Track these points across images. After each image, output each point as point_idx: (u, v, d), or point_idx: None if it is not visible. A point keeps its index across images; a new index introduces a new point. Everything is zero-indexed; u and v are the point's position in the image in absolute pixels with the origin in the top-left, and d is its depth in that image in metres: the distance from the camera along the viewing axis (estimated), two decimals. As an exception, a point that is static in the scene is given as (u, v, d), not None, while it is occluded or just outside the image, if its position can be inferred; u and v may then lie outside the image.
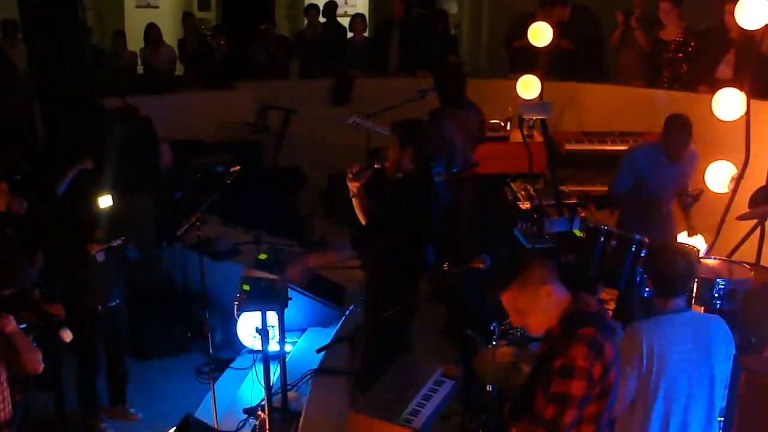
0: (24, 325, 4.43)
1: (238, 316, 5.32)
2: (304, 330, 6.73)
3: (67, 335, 5.21)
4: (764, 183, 6.05)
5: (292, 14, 13.72)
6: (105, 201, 5.70)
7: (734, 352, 3.48)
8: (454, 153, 6.36)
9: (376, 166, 4.82)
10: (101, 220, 5.70)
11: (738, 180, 6.26)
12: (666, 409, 3.35)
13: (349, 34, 10.20)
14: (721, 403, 3.47)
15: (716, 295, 4.79)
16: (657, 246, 3.78)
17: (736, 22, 6.37)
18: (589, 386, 2.84)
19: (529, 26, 7.98)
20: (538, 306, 2.96)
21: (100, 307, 5.75)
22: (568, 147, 7.67)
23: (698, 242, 5.98)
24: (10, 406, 4.44)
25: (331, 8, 10.42)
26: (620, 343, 3.40)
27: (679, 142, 5.58)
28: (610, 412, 3.08)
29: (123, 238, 5.74)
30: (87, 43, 7.27)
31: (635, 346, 3.32)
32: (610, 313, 5.45)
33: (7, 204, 5.48)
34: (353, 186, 4.78)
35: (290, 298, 5.18)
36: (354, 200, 4.79)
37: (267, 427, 5.10)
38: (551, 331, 3.01)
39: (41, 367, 4.46)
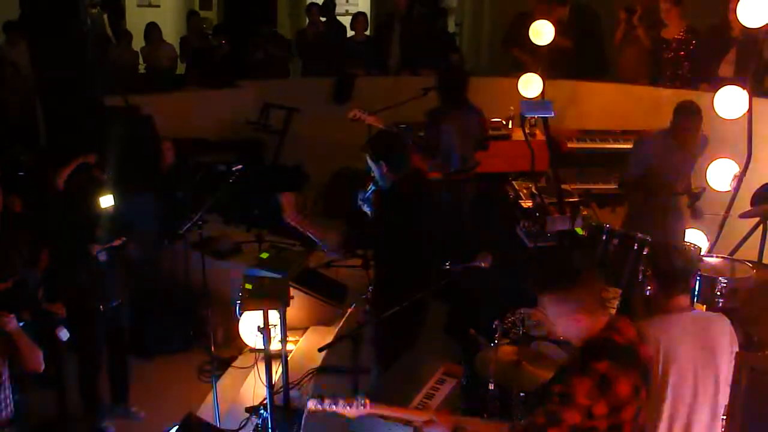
0: (22, 324, 4.43)
1: (240, 314, 5.31)
2: (306, 328, 6.73)
3: (64, 334, 5.21)
4: (766, 181, 6.06)
5: (294, 13, 13.72)
6: (106, 201, 5.70)
7: (736, 348, 3.48)
8: (451, 153, 6.35)
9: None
10: (102, 219, 5.69)
11: (740, 178, 6.26)
12: (672, 408, 3.35)
13: (351, 33, 10.19)
14: (725, 401, 3.47)
15: (718, 293, 4.79)
16: (656, 244, 3.78)
17: (737, 20, 6.37)
18: (585, 420, 2.76)
19: (526, 27, 7.98)
20: (562, 322, 2.94)
21: (101, 306, 5.74)
22: (570, 145, 7.68)
23: (700, 240, 5.98)
24: (12, 405, 4.45)
25: (329, 6, 10.41)
26: None
27: (689, 129, 5.59)
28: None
29: (124, 238, 5.73)
30: (89, 41, 7.26)
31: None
32: (613, 311, 5.46)
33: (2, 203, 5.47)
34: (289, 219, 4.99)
35: (292, 297, 5.17)
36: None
37: (269, 426, 5.10)
38: (574, 348, 2.96)
39: (42, 366, 4.46)
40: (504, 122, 8.04)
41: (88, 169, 6.41)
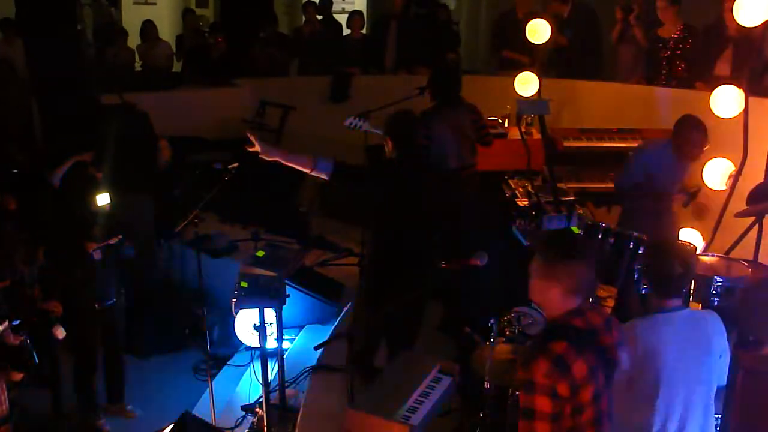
0: (17, 322, 4.42)
1: (236, 313, 5.31)
2: (301, 327, 6.73)
3: (60, 332, 5.20)
4: (762, 180, 6.06)
5: (290, 11, 13.71)
6: (103, 199, 5.69)
7: (728, 347, 3.48)
8: (445, 153, 6.34)
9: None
10: (98, 218, 5.68)
11: (736, 177, 6.27)
12: (665, 407, 3.35)
13: (347, 32, 10.18)
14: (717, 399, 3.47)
15: (714, 292, 4.79)
16: (655, 245, 3.77)
17: (734, 20, 6.37)
18: (555, 403, 2.78)
19: (511, 25, 8.00)
20: (536, 286, 2.99)
21: (97, 305, 5.74)
22: (567, 144, 7.67)
23: (696, 239, 5.99)
24: (7, 403, 4.44)
25: (326, 5, 10.40)
26: None
27: (696, 146, 5.59)
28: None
29: (120, 236, 5.72)
30: (85, 40, 7.25)
31: (631, 347, 3.31)
32: (609, 310, 5.46)
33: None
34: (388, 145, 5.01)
35: (288, 295, 5.17)
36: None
37: (265, 424, 5.10)
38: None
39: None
40: (500, 121, 8.03)
41: (84, 167, 6.40)
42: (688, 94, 7.40)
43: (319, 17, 10.38)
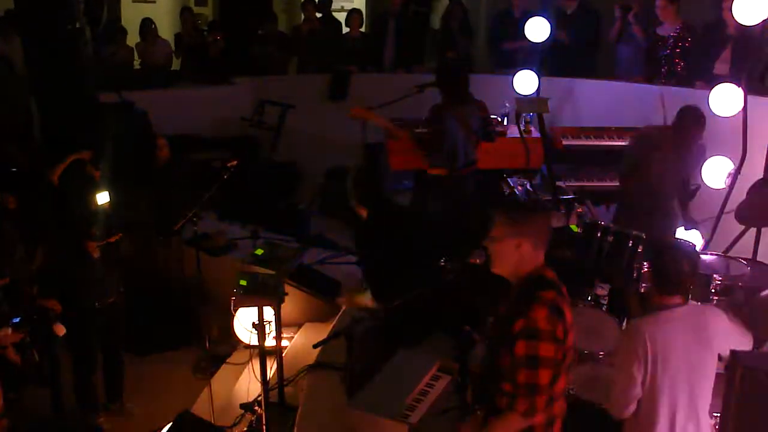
0: (17, 319, 4.43)
1: (235, 311, 5.31)
2: (300, 325, 6.73)
3: (60, 330, 5.20)
4: (761, 178, 6.07)
5: (289, 9, 13.69)
6: (102, 197, 5.68)
7: (733, 336, 3.49)
8: (456, 148, 6.34)
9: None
10: (98, 216, 5.68)
11: (735, 175, 6.27)
12: (672, 404, 3.36)
13: (346, 30, 10.17)
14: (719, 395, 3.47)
15: (713, 290, 4.80)
16: (664, 243, 3.77)
17: (733, 18, 6.38)
18: (557, 348, 2.92)
19: (511, 22, 8.02)
20: (504, 247, 3.07)
21: (97, 303, 5.74)
22: (565, 142, 7.67)
23: (695, 237, 5.99)
24: (2, 400, 4.43)
25: (325, 3, 10.39)
26: (622, 341, 3.42)
27: (690, 133, 5.60)
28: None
29: (120, 235, 5.72)
30: (84, 38, 7.25)
31: (640, 345, 3.33)
32: (605, 308, 5.47)
33: None
34: (361, 213, 4.93)
35: (287, 294, 5.17)
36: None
37: (264, 422, 5.10)
38: (511, 291, 3.11)
39: None
40: (499, 119, 8.03)
41: (83, 165, 6.40)
42: (687, 93, 7.40)
43: (319, 15, 10.37)
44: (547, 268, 3.11)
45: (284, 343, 6.08)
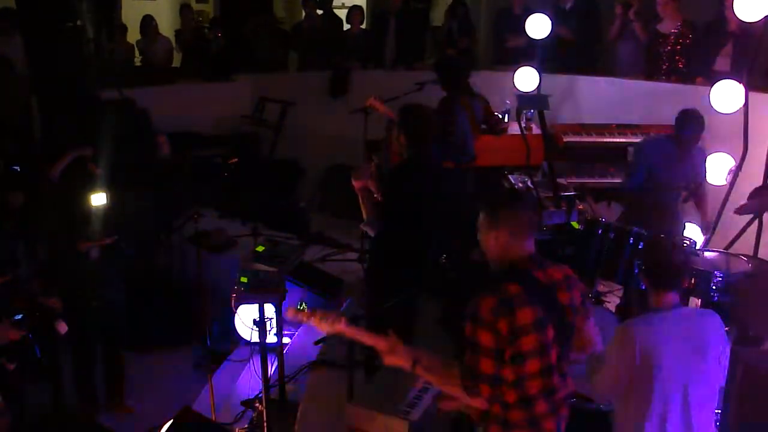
0: (19, 317, 4.42)
1: (236, 308, 5.31)
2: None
3: (63, 327, 5.19)
4: (762, 174, 6.06)
5: (288, 6, 13.68)
6: (98, 199, 5.64)
7: (729, 346, 3.47)
8: (465, 142, 6.34)
9: (374, 161, 4.82)
10: (93, 217, 5.66)
11: (736, 172, 6.27)
12: (663, 406, 3.34)
13: (346, 26, 10.17)
14: (716, 396, 3.46)
15: (714, 287, 4.79)
16: (652, 239, 3.77)
17: (734, 15, 6.37)
18: (497, 340, 2.89)
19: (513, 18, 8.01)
20: (485, 239, 3.13)
21: (94, 302, 5.72)
22: (566, 139, 7.67)
23: (697, 234, 5.99)
24: (2, 401, 4.43)
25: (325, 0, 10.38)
26: (614, 339, 3.41)
27: (688, 136, 5.58)
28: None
29: (116, 237, 5.70)
30: (84, 35, 7.24)
31: (626, 344, 3.32)
32: (608, 305, 5.47)
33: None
34: (356, 185, 4.80)
35: (287, 291, 5.17)
36: (360, 199, 4.78)
37: (264, 419, 5.10)
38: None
39: None
40: (500, 116, 8.03)
41: (83, 162, 6.39)
42: (688, 89, 7.39)
43: (320, 12, 10.35)
44: (545, 266, 3.08)
45: (285, 340, 6.08)
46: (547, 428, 3.06)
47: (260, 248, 5.63)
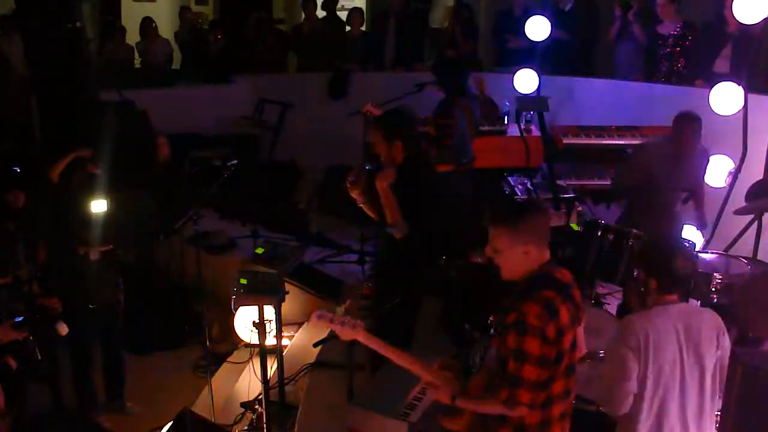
0: (20, 318, 4.41)
1: (235, 309, 5.31)
2: (301, 324, 6.73)
3: (63, 329, 5.19)
4: (761, 177, 6.07)
5: (288, 8, 13.69)
6: (98, 206, 5.64)
7: (728, 344, 3.47)
8: (464, 144, 6.34)
9: (367, 167, 4.79)
10: (93, 223, 5.65)
11: (735, 174, 6.27)
12: (660, 401, 3.33)
13: (347, 28, 10.17)
14: (713, 395, 3.45)
15: (713, 289, 4.80)
16: (659, 243, 3.74)
17: (733, 17, 6.37)
18: (544, 346, 2.94)
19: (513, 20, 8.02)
20: (512, 256, 3.10)
21: (91, 305, 5.72)
22: (566, 141, 7.68)
23: (695, 236, 5.99)
24: (2, 398, 4.43)
25: (331, 1, 10.37)
26: (616, 335, 3.40)
27: (686, 139, 5.57)
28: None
29: (112, 246, 5.70)
30: (84, 36, 7.24)
31: (633, 337, 3.31)
32: (608, 307, 5.47)
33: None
34: (354, 194, 4.75)
35: (287, 292, 5.17)
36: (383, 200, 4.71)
37: (264, 421, 5.10)
38: (517, 287, 3.13)
39: None
40: (500, 118, 8.04)
41: (83, 164, 6.39)
42: (687, 91, 7.40)
43: (323, 13, 10.35)
44: (557, 267, 3.15)
45: (285, 341, 6.08)
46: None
47: (260, 249, 5.65)
